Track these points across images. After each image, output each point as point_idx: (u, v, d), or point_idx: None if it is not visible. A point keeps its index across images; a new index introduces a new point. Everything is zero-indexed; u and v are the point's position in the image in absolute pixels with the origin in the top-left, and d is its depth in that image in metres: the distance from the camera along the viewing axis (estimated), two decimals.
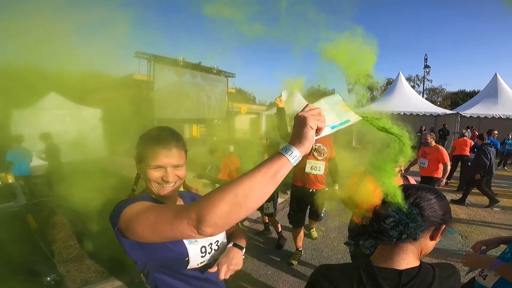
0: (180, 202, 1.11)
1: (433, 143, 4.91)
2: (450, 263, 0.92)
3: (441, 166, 4.76)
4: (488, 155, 5.68)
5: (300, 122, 0.66)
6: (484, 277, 1.51)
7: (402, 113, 12.44)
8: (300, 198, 3.46)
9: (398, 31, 66.11)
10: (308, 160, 3.29)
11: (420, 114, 12.88)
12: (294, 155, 0.64)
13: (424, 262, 0.86)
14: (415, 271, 0.81)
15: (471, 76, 66.08)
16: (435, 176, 4.79)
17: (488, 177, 6.00)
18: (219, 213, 0.59)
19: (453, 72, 62.26)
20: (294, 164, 0.65)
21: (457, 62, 63.74)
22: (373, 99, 14.17)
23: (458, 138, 8.01)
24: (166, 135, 0.99)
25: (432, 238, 0.83)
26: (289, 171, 0.67)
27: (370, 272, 0.82)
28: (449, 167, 4.81)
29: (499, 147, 7.03)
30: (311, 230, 4.16)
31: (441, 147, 4.84)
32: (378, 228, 0.78)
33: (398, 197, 0.78)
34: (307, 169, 3.30)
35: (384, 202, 0.81)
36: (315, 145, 3.16)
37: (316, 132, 0.68)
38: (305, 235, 3.93)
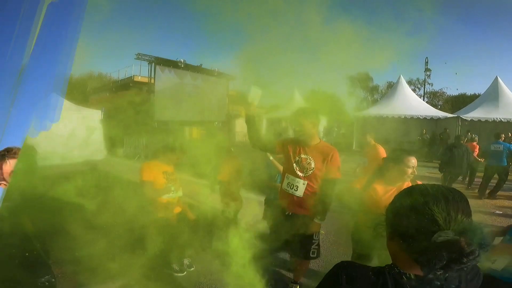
0: None
1: (372, 142, 4.91)
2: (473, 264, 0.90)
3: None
4: (452, 155, 6.38)
5: None
6: (492, 261, 1.54)
7: (403, 117, 12.42)
8: (278, 220, 2.54)
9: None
10: (286, 174, 2.45)
11: (421, 117, 12.87)
12: None
13: None
14: (443, 277, 0.78)
15: (471, 79, 66.26)
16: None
17: (454, 176, 6.78)
18: None
19: (453, 75, 62.27)
20: None
21: (458, 65, 63.77)
22: (374, 102, 14.18)
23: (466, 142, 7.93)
24: None
25: None
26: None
27: (396, 278, 0.78)
28: None
29: None
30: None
31: (378, 145, 4.82)
32: (471, 259, 0.68)
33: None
34: (284, 185, 2.44)
35: (468, 230, 0.72)
36: (298, 157, 2.37)
37: None
38: None
